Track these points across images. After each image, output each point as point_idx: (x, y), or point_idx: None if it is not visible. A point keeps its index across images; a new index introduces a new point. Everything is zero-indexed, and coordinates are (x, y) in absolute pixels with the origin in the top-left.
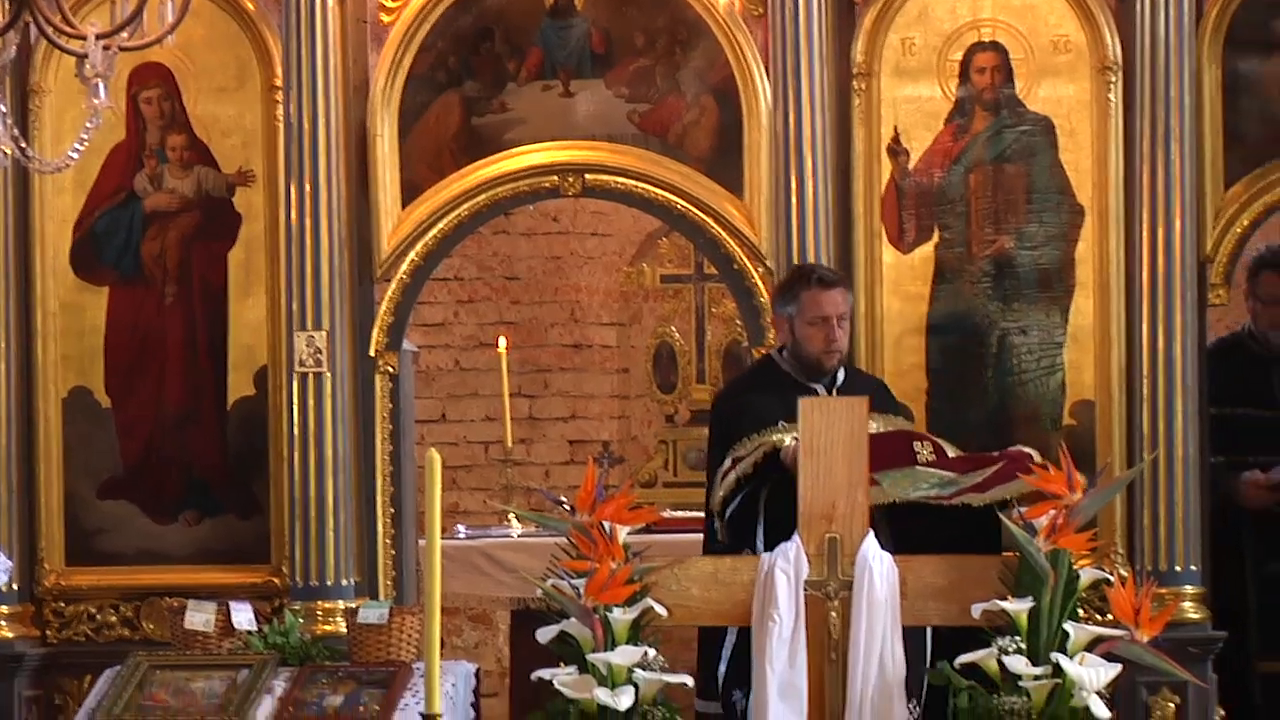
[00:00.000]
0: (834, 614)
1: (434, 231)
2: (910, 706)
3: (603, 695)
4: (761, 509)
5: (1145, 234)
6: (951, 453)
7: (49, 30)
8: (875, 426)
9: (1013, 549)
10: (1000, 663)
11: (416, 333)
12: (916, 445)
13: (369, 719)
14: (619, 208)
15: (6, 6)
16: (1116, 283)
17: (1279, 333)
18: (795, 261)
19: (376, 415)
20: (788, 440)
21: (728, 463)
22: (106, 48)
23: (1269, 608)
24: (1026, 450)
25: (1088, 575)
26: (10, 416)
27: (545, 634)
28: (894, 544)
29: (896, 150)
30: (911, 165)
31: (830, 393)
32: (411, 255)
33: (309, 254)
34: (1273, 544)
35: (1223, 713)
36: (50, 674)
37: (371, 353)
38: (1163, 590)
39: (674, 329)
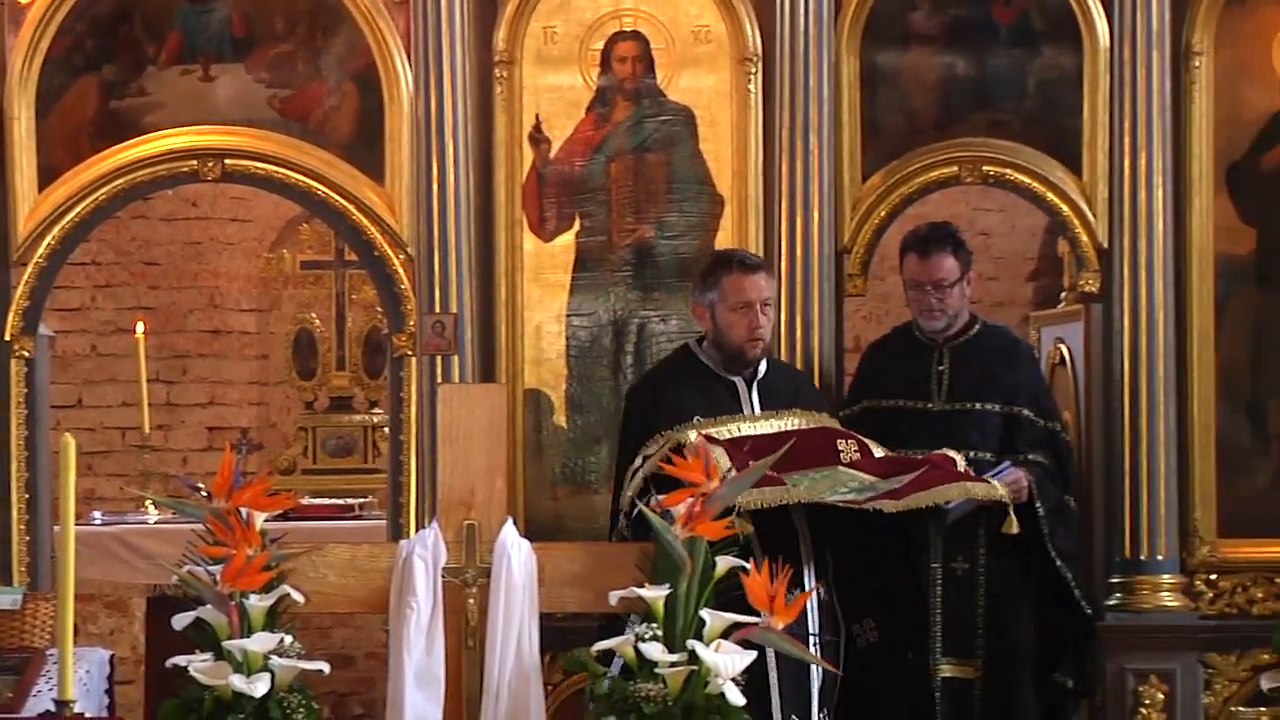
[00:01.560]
0: (472, 601)
1: (71, 215)
2: (821, 716)
3: (238, 682)
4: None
5: (784, 224)
6: (878, 453)
7: None
8: (797, 423)
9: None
10: (637, 649)
11: (53, 317)
12: (840, 444)
13: (2, 706)
14: (259, 193)
15: None
16: None
17: (930, 319)
18: (435, 249)
19: (11, 400)
20: (692, 436)
21: (638, 460)
22: None
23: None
24: (951, 455)
25: (724, 563)
26: None
27: (181, 620)
28: (814, 544)
29: (538, 138)
30: (553, 153)
31: (750, 386)
32: (48, 239)
33: None
34: (957, 543)
35: None
36: None
37: (7, 337)
38: None
39: (314, 315)
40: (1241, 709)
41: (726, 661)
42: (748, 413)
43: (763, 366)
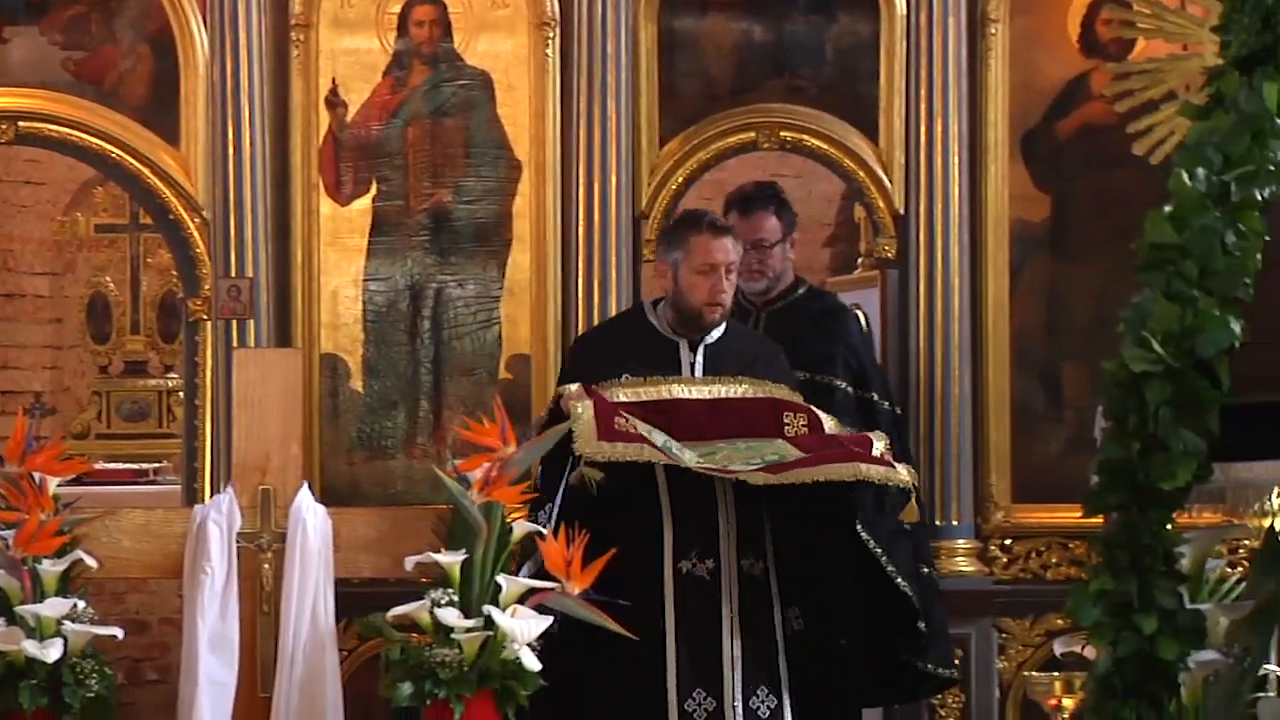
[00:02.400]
0: (267, 566)
1: None
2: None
3: (31, 647)
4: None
5: (581, 189)
6: (831, 428)
7: None
8: (742, 391)
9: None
10: (432, 615)
11: None
12: (787, 416)
13: None
14: (54, 156)
15: None
16: (553, 237)
17: (750, 280)
18: (231, 212)
19: None
20: (620, 395)
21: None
22: None
23: None
24: (871, 436)
25: (520, 528)
26: None
27: None
28: (741, 517)
29: (334, 102)
30: (349, 117)
31: (694, 350)
32: None
33: None
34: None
35: None
36: None
37: None
38: None
39: (109, 279)
40: (1035, 674)
41: (523, 627)
42: (685, 375)
43: (718, 331)
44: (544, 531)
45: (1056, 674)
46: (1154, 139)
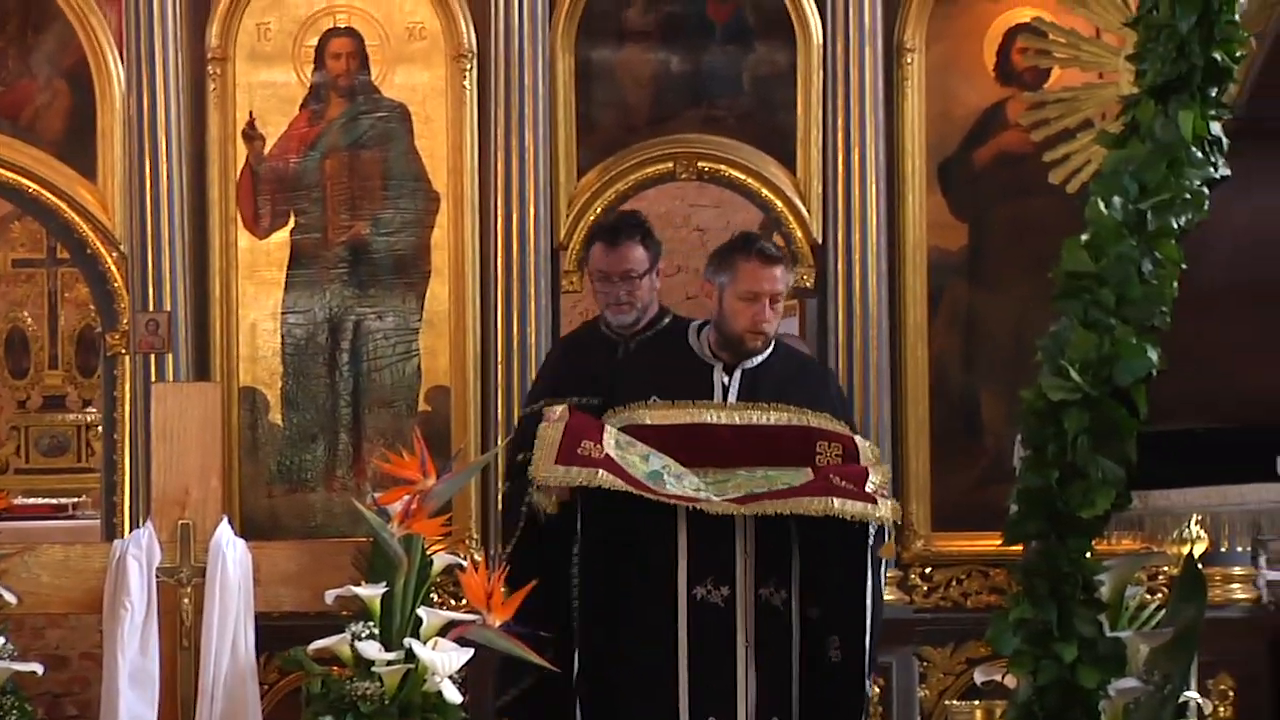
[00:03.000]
0: (187, 600)
1: None
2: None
3: None
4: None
5: (500, 220)
6: (869, 459)
7: None
8: (773, 419)
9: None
10: (353, 648)
11: None
12: (820, 445)
13: None
14: None
15: None
16: (472, 269)
17: (616, 313)
18: (149, 246)
19: None
20: (647, 417)
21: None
22: None
23: None
24: (868, 469)
25: (441, 560)
26: None
27: None
28: (760, 544)
29: (252, 135)
30: (267, 150)
31: (729, 374)
32: None
33: None
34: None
35: None
36: None
37: None
38: None
39: (26, 314)
40: (956, 702)
41: (444, 659)
42: (718, 400)
43: (762, 356)
44: (464, 564)
45: (978, 702)
46: (1070, 167)
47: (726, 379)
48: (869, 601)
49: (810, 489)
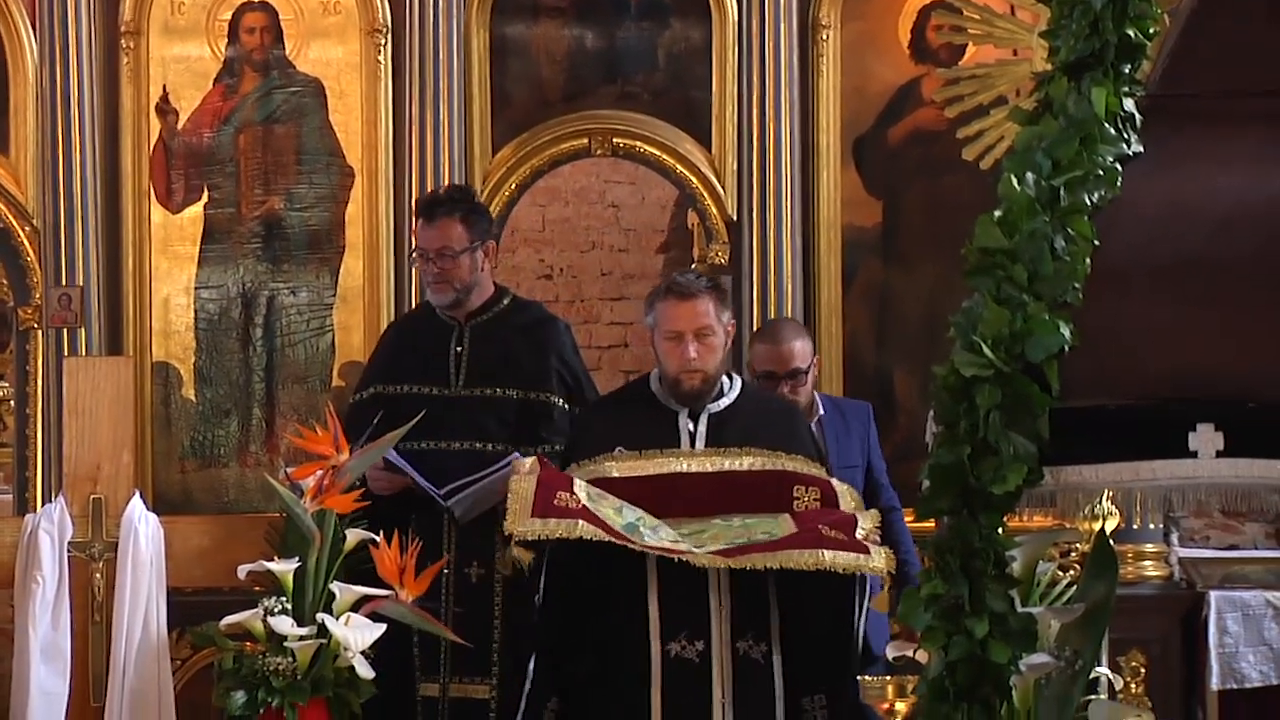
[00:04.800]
0: (98, 575)
1: None
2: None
3: None
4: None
5: (414, 196)
6: (847, 500)
7: None
8: (746, 464)
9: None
10: (265, 623)
11: None
12: (797, 490)
13: None
14: None
15: None
16: (386, 244)
17: (436, 293)
18: (61, 221)
19: None
20: (612, 470)
21: None
22: None
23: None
24: (857, 516)
25: (354, 535)
26: None
27: None
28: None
29: (165, 109)
30: (180, 125)
31: (694, 420)
32: None
33: None
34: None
35: None
36: None
37: None
38: None
39: None
40: (868, 678)
41: (356, 635)
42: (685, 447)
43: (726, 399)
44: (377, 540)
45: (889, 678)
46: (984, 144)
47: (692, 425)
48: (854, 656)
49: (799, 540)
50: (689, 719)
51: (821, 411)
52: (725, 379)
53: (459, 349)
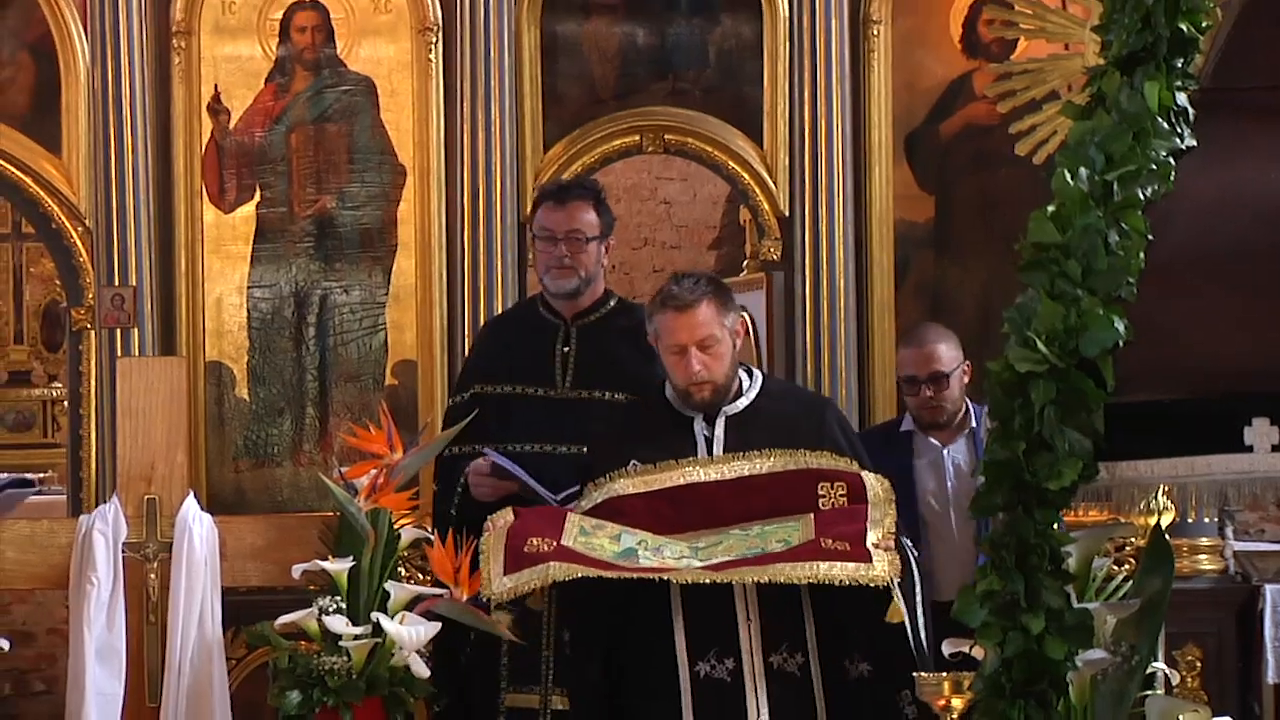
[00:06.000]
0: (153, 576)
1: None
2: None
3: None
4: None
5: (466, 194)
6: (877, 492)
7: None
8: (766, 467)
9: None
10: (320, 622)
11: None
12: (823, 488)
13: None
14: None
15: None
16: (438, 243)
17: (556, 278)
18: (114, 221)
19: None
20: (623, 486)
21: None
22: None
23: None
24: (867, 526)
25: (408, 534)
26: None
27: None
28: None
29: (217, 109)
30: (232, 124)
31: (711, 424)
32: None
33: None
34: None
35: None
36: None
37: None
38: None
39: None
40: (923, 674)
41: (410, 633)
42: (703, 455)
43: (747, 398)
44: (431, 538)
45: (945, 674)
46: (1036, 139)
47: (709, 430)
48: (921, 645)
49: (796, 554)
50: None
51: (975, 423)
52: (744, 376)
53: (565, 349)
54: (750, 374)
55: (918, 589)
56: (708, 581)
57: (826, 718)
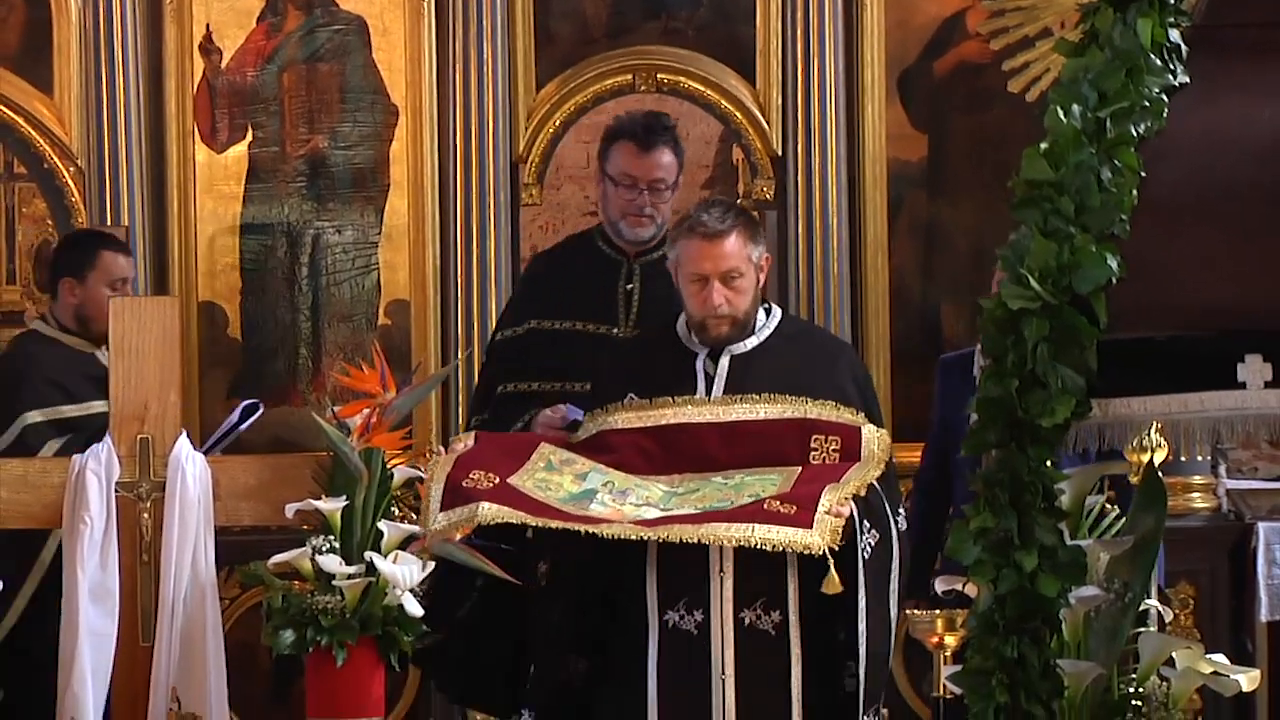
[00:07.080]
0: (146, 515)
1: None
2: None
3: None
4: None
5: (459, 134)
6: (873, 453)
7: None
8: (762, 413)
9: None
10: (314, 562)
11: None
12: (815, 440)
13: None
14: None
15: None
16: (431, 182)
17: (634, 225)
18: (106, 161)
19: None
20: (617, 420)
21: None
22: None
23: None
24: (825, 490)
25: (401, 474)
26: None
27: None
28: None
29: (209, 49)
30: (224, 64)
31: (715, 361)
32: None
33: None
34: None
35: None
36: None
37: None
38: None
39: None
40: (916, 612)
41: (404, 572)
42: (701, 394)
43: (758, 338)
44: (424, 477)
45: (938, 612)
46: (1029, 76)
47: (711, 368)
48: (893, 625)
49: (734, 515)
50: (686, 693)
51: None
52: (761, 314)
53: (629, 286)
54: (770, 312)
55: (894, 564)
56: (636, 538)
57: (802, 681)
